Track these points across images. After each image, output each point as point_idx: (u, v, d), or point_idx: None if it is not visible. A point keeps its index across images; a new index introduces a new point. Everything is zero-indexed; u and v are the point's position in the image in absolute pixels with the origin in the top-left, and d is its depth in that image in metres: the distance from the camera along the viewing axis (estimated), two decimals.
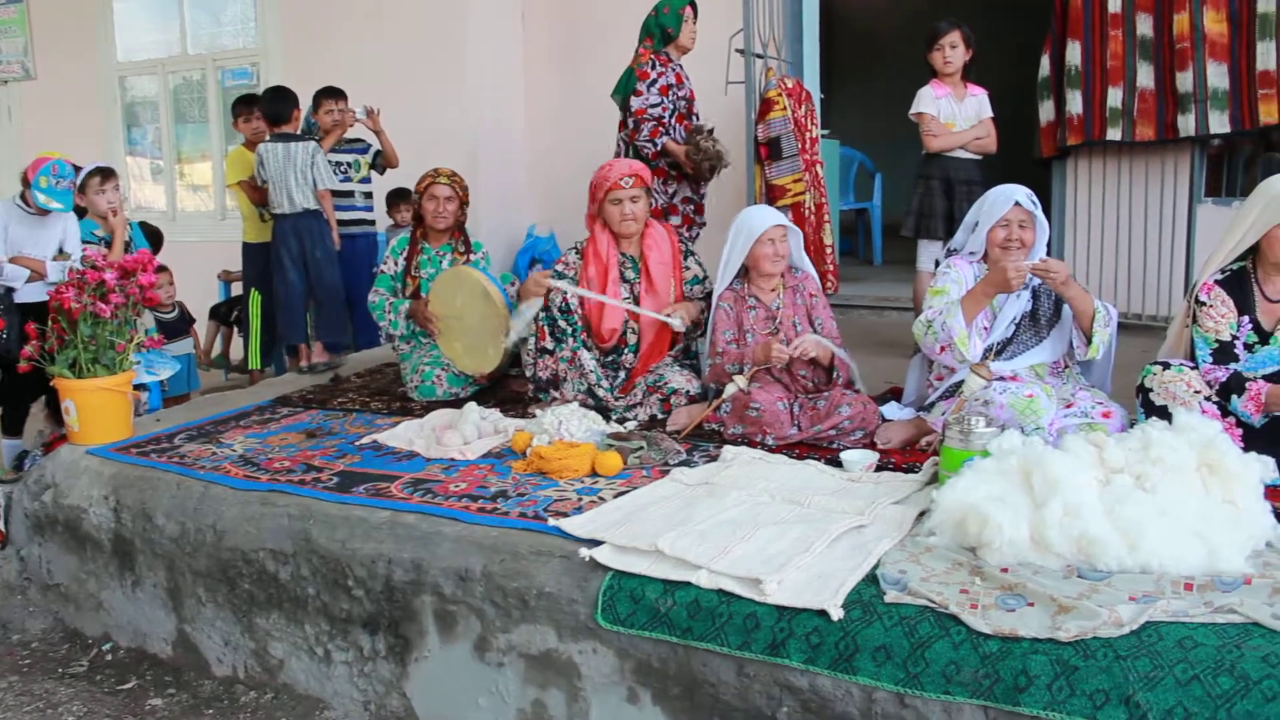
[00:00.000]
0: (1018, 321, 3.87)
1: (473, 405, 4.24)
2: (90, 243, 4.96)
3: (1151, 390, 3.41)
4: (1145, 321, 5.87)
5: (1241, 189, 5.79)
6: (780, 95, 5.42)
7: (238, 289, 6.85)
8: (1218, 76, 5.50)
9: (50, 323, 4.18)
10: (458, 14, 7.32)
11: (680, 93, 5.38)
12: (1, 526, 4.15)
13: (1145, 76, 5.73)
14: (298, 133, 5.73)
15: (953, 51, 5.16)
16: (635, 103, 5.23)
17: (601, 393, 4.26)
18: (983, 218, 3.91)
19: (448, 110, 7.33)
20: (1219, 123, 5.54)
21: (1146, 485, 2.79)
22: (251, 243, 6.21)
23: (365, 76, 6.43)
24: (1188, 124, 5.61)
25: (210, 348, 7.19)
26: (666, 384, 4.21)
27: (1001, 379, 3.66)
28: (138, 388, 4.78)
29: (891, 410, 4.07)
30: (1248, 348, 3.42)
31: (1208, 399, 3.33)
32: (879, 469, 3.53)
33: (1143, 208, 5.97)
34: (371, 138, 6.35)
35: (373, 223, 6.43)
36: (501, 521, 3.18)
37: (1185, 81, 5.56)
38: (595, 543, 2.94)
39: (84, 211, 5.14)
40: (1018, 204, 3.81)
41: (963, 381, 3.67)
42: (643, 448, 3.70)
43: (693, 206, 5.46)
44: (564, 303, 4.31)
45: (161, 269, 6.35)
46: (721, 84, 5.87)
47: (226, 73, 8.76)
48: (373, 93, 6.27)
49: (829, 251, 5.73)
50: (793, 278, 4.22)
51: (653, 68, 5.27)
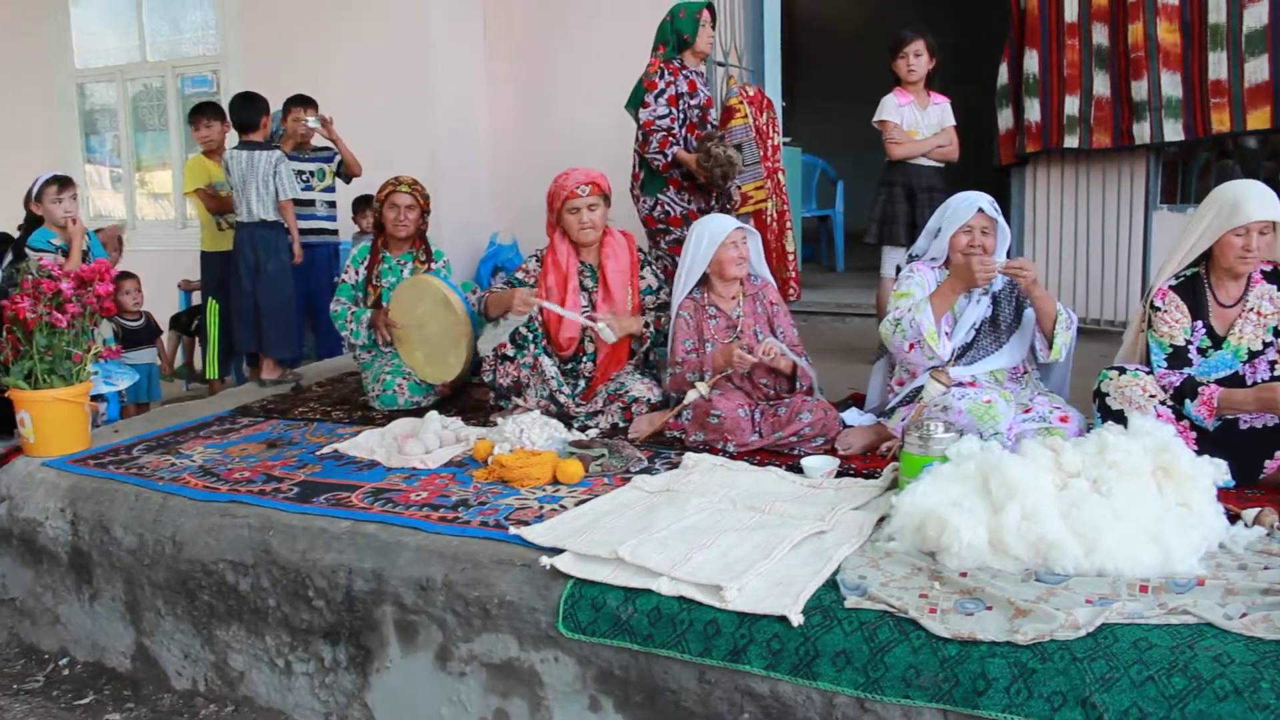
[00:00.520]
0: (978, 327, 3.91)
1: (434, 414, 4.23)
2: (47, 251, 4.91)
3: (1108, 395, 3.45)
4: (1103, 326, 5.93)
5: (1196, 195, 5.87)
6: (742, 103, 5.45)
7: (198, 298, 6.79)
8: (1171, 85, 5.58)
9: (5, 333, 4.13)
10: (419, 22, 7.30)
11: (693, 101, 5.28)
12: None
13: (1101, 85, 5.80)
14: (265, 140, 5.69)
15: (916, 60, 5.20)
16: (643, 114, 5.16)
17: (564, 398, 4.26)
18: (945, 224, 3.94)
19: (410, 118, 7.31)
20: (1173, 131, 5.62)
21: (1102, 489, 2.82)
22: (209, 251, 6.15)
23: (326, 84, 6.38)
24: (1143, 132, 5.68)
25: (171, 357, 7.12)
26: (628, 392, 4.21)
27: (960, 384, 3.69)
28: (95, 398, 4.72)
29: (852, 416, 4.09)
30: (1201, 352, 3.47)
31: (1162, 403, 3.37)
32: (840, 475, 3.55)
33: (1100, 214, 6.05)
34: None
35: (335, 232, 6.39)
36: (463, 530, 3.18)
37: (1140, 90, 5.64)
38: (556, 551, 2.93)
39: (41, 220, 5.08)
40: (981, 210, 3.85)
41: (922, 387, 3.70)
42: (604, 455, 3.71)
43: None
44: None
45: (128, 276, 6.31)
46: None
47: (187, 80, 8.69)
48: (334, 100, 6.24)
49: (791, 258, 5.76)
50: (752, 285, 4.23)
51: (660, 77, 5.18)
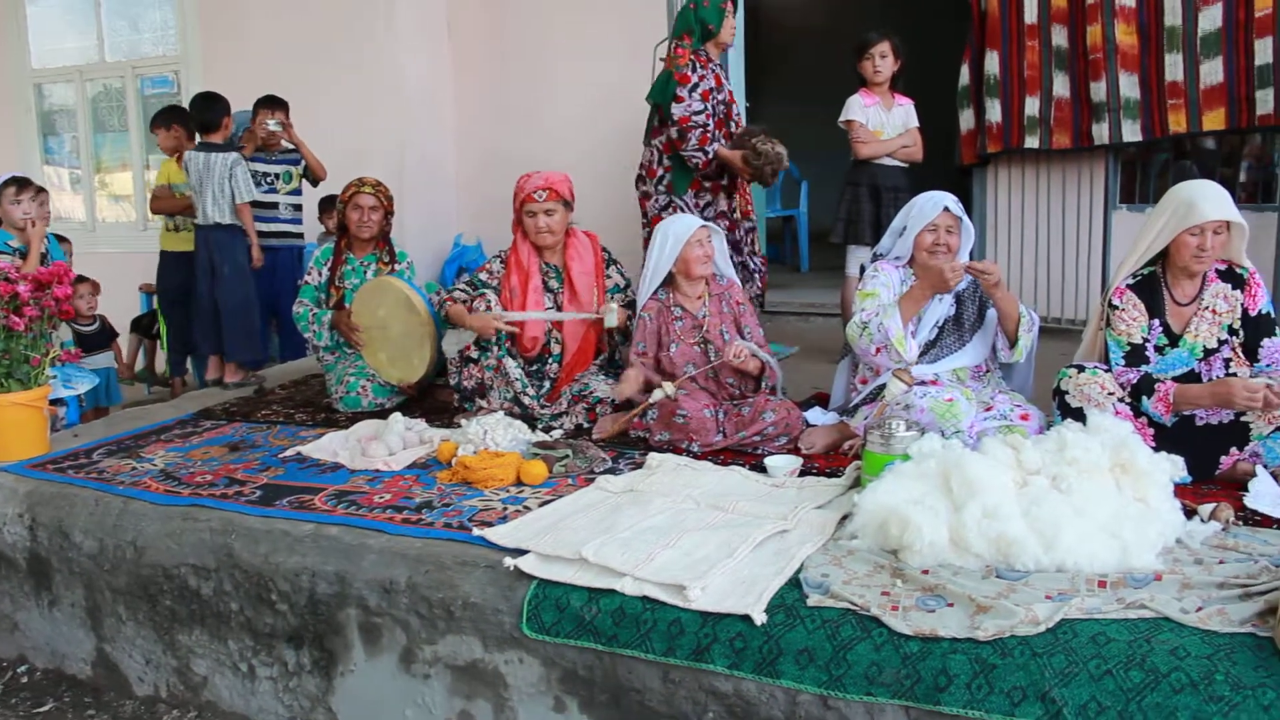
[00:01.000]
0: (941, 325, 3.94)
1: (398, 415, 4.22)
2: (5, 254, 4.85)
3: (1067, 393, 3.49)
4: (1064, 325, 5.99)
5: (1155, 195, 5.93)
6: None
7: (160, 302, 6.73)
8: (1129, 87, 5.64)
9: None
10: (384, 24, 7.26)
11: (720, 96, 5.17)
12: None
13: (1061, 86, 5.86)
14: (224, 142, 5.64)
15: (882, 61, 5.24)
16: (677, 110, 4.97)
17: (528, 400, 4.26)
18: (911, 223, 3.97)
19: (374, 119, 7.27)
20: (1131, 131, 5.68)
21: (1062, 486, 2.86)
22: (165, 251, 6.13)
23: (289, 85, 6.33)
24: (1102, 132, 5.74)
25: (133, 361, 7.06)
26: (591, 393, 4.21)
27: (922, 383, 3.72)
28: (54, 402, 4.67)
29: (815, 415, 4.11)
30: (1158, 350, 3.51)
31: (1121, 400, 3.42)
32: (803, 474, 3.57)
33: (1060, 213, 6.11)
34: None
35: (300, 235, 6.35)
36: (426, 532, 3.17)
37: (1099, 91, 5.70)
38: (520, 552, 2.93)
39: None
40: (946, 209, 3.89)
41: (885, 386, 3.72)
42: (568, 456, 3.71)
43: (726, 222, 5.21)
44: (488, 311, 4.29)
45: (82, 280, 6.24)
46: (645, 91, 5.87)
47: (146, 81, 8.61)
48: (297, 102, 6.20)
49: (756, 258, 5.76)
50: (717, 285, 4.24)
51: (693, 70, 5.02)
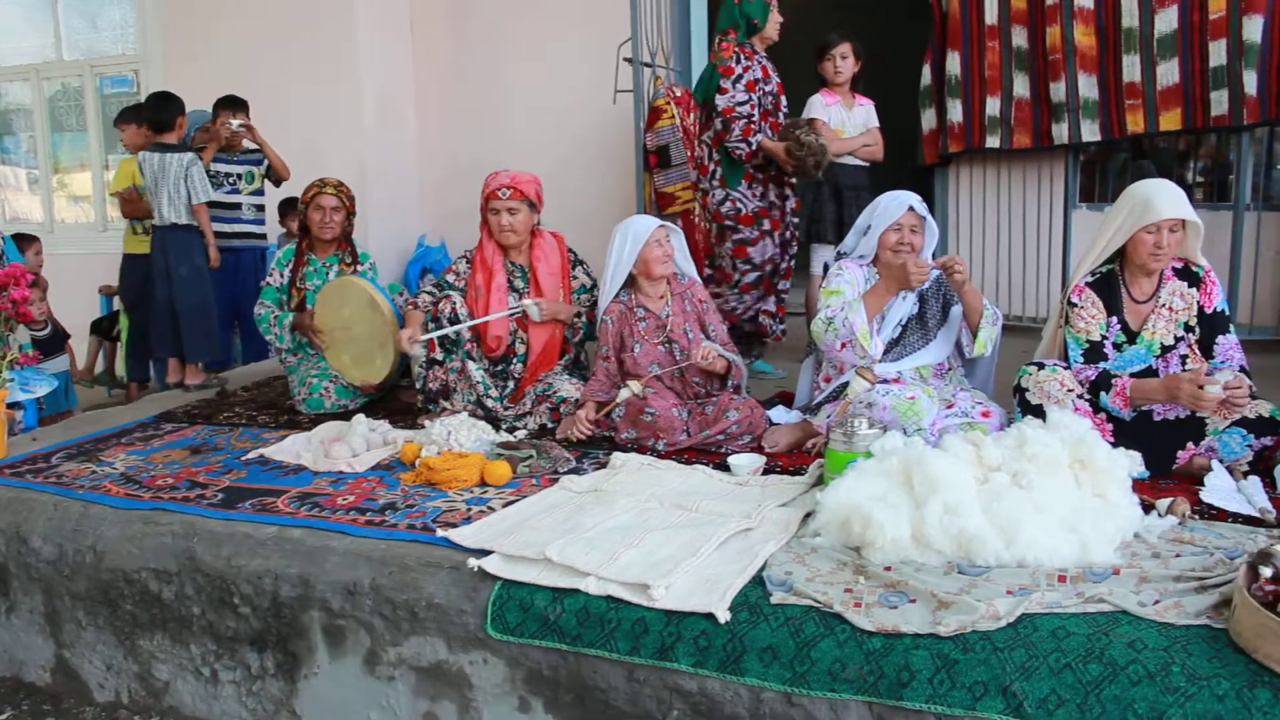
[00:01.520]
0: (904, 324, 3.97)
1: (361, 417, 4.20)
2: None
3: (1027, 390, 3.53)
4: (1025, 323, 6.05)
5: (1114, 194, 5.97)
6: (669, 104, 5.44)
7: (120, 303, 6.66)
8: (1088, 87, 5.70)
9: None
10: (346, 24, 7.22)
11: (767, 87, 5.15)
12: None
13: (1021, 86, 5.92)
14: (181, 141, 5.59)
15: (843, 62, 5.27)
16: (721, 101, 4.98)
17: (490, 403, 4.25)
18: (875, 221, 3.99)
19: (336, 119, 7.24)
20: (1090, 131, 5.75)
21: (1022, 482, 2.88)
22: (129, 254, 6.07)
23: (251, 85, 6.29)
24: (1061, 132, 5.81)
25: (93, 364, 6.98)
26: (555, 393, 4.21)
27: (885, 381, 3.74)
28: (12, 406, 4.61)
29: (779, 414, 4.13)
30: (1116, 347, 3.55)
31: (1080, 397, 3.45)
32: (766, 472, 3.58)
33: (1021, 212, 6.17)
34: None
35: (263, 236, 6.30)
36: (390, 534, 3.16)
37: (1058, 91, 5.76)
38: (484, 552, 2.93)
39: None
40: (911, 209, 3.92)
41: (847, 384, 3.74)
42: (532, 456, 3.71)
43: (778, 211, 5.23)
44: (453, 314, 4.28)
45: (32, 283, 6.15)
46: (610, 92, 5.88)
47: (105, 80, 8.52)
48: (260, 102, 6.15)
49: None
50: (679, 284, 4.25)
51: (737, 62, 5.01)
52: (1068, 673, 2.24)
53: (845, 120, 5.33)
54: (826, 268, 4.26)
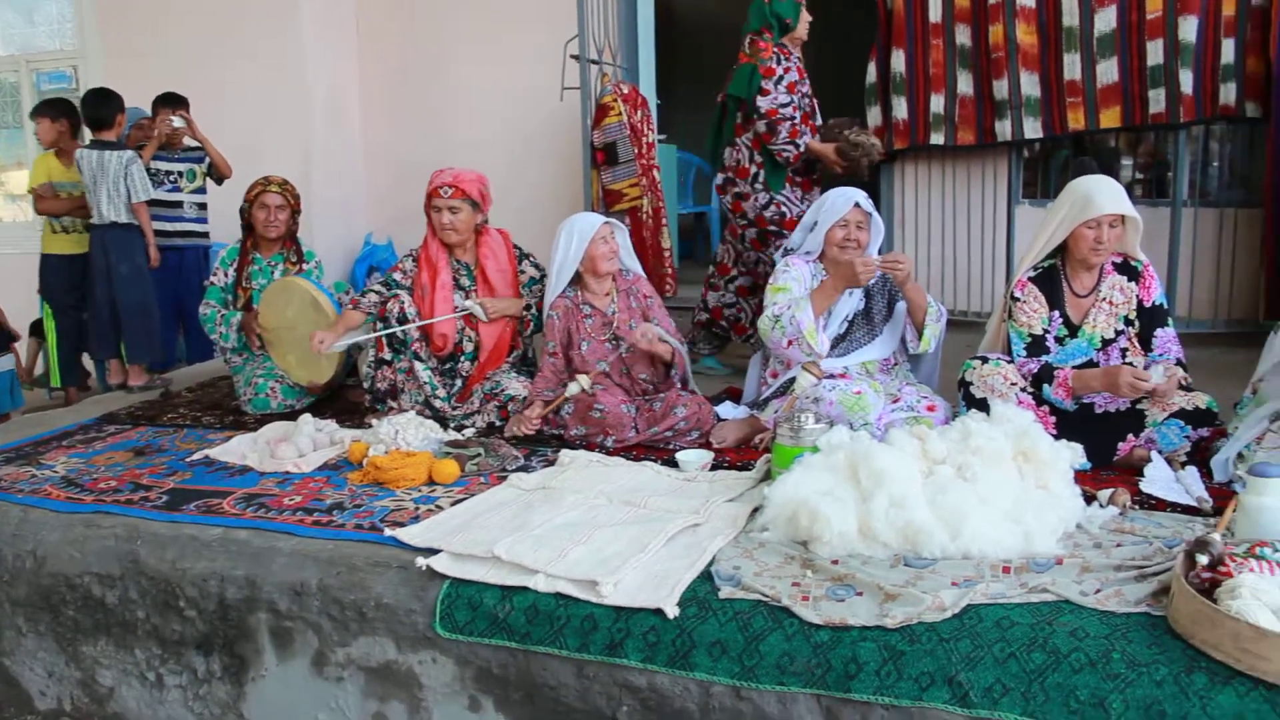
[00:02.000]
0: (850, 319, 3.99)
1: (308, 417, 4.16)
2: None
3: (971, 384, 3.57)
4: (969, 318, 6.10)
5: (1056, 191, 6.02)
6: (616, 101, 5.45)
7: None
8: (1030, 85, 5.77)
9: None
10: (290, 21, 7.14)
11: (804, 89, 5.04)
12: None
13: (965, 84, 5.97)
14: (118, 140, 5.50)
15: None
16: (764, 103, 4.79)
17: (438, 403, 4.22)
18: (822, 218, 4.01)
19: (280, 116, 7.15)
20: (1032, 128, 5.82)
21: (967, 475, 2.92)
22: (48, 254, 5.94)
23: (193, 82, 6.20)
24: (1004, 129, 5.87)
25: (32, 365, 6.84)
26: (503, 391, 4.19)
27: (831, 376, 3.76)
28: None
29: (727, 410, 4.14)
30: (1058, 341, 3.61)
31: (1023, 390, 3.50)
32: (714, 468, 3.59)
33: (965, 209, 6.23)
34: None
35: (206, 235, 6.21)
36: (337, 534, 3.13)
37: (1001, 89, 5.82)
38: (432, 551, 2.91)
39: None
40: (857, 205, 3.94)
41: (794, 380, 3.76)
42: (480, 455, 3.69)
43: None
44: (401, 312, 4.25)
45: None
46: (557, 90, 5.87)
47: (43, 75, 8.34)
48: (201, 99, 6.06)
49: (667, 255, 5.77)
50: (624, 280, 4.25)
51: (778, 63, 4.85)
52: (1012, 662, 2.28)
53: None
54: (773, 264, 4.28)
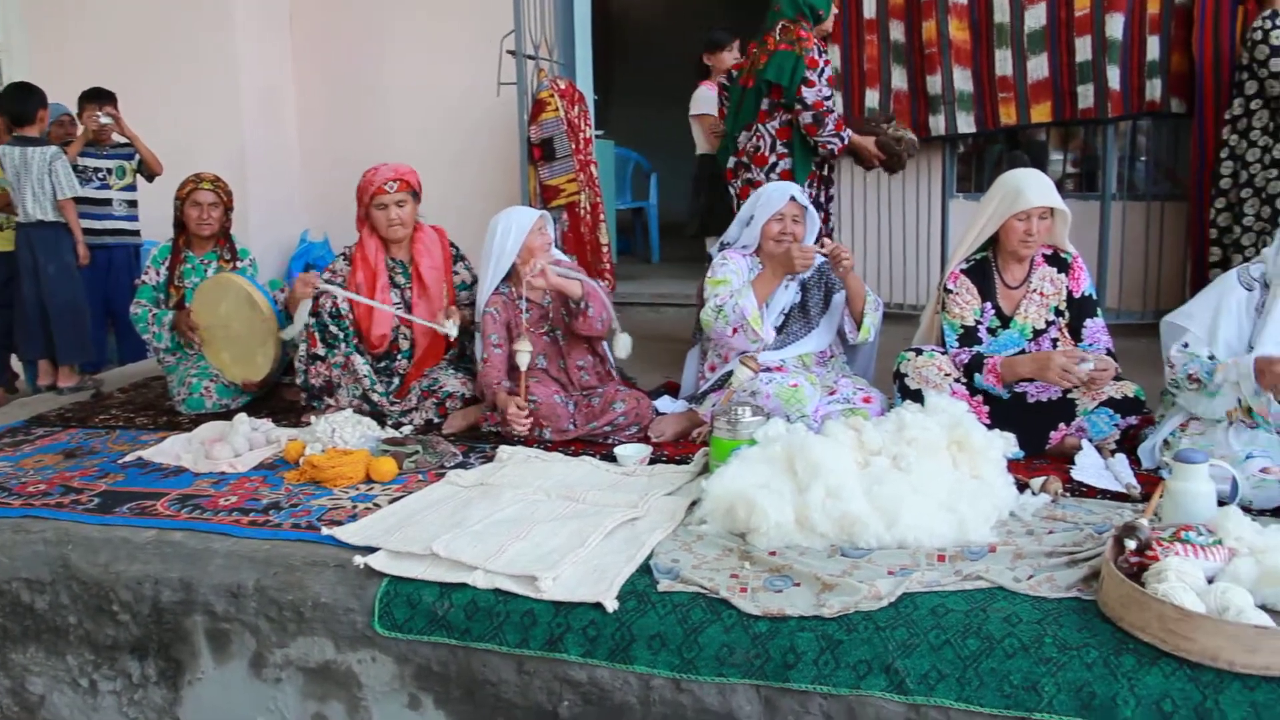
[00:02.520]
0: (787, 312, 4.03)
1: (243, 416, 4.10)
2: None
3: (906, 375, 3.61)
4: (905, 310, 6.18)
5: (989, 185, 6.14)
6: (552, 96, 5.44)
7: None
8: (963, 80, 5.86)
9: None
10: (222, 15, 7.02)
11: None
12: None
13: (899, 79, 6.05)
14: (41, 135, 5.38)
15: (729, 56, 5.31)
16: (809, 94, 4.63)
17: (377, 397, 4.17)
18: (758, 212, 4.04)
19: (212, 112, 7.03)
20: (966, 123, 5.91)
21: (902, 465, 2.95)
22: None
23: (122, 77, 6.08)
24: (938, 124, 5.96)
25: None
26: (441, 388, 4.16)
27: (768, 369, 3.79)
28: None
29: (665, 404, 4.16)
30: (991, 332, 3.66)
31: (957, 380, 3.55)
32: (652, 462, 3.60)
33: (900, 203, 6.31)
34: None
35: (136, 233, 6.10)
36: (274, 534, 3.10)
37: (935, 85, 5.91)
38: (370, 549, 2.89)
39: None
40: (793, 199, 3.97)
41: (732, 373, 3.78)
42: (418, 452, 3.67)
43: (823, 213, 4.84)
44: (334, 308, 4.20)
45: None
46: (493, 85, 5.84)
47: None
48: (131, 96, 5.95)
49: (605, 250, 5.78)
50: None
51: (819, 55, 4.71)
52: (947, 649, 2.31)
53: None
54: (710, 259, 4.30)
